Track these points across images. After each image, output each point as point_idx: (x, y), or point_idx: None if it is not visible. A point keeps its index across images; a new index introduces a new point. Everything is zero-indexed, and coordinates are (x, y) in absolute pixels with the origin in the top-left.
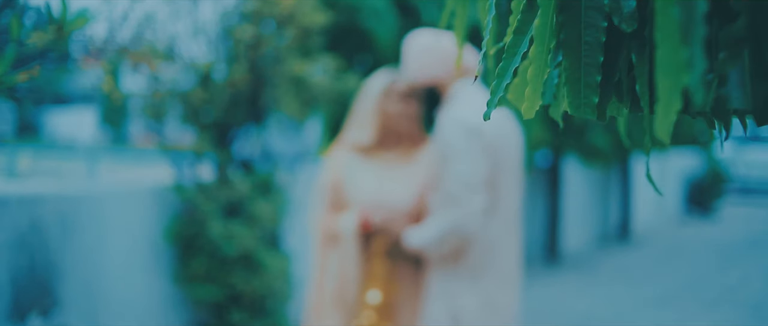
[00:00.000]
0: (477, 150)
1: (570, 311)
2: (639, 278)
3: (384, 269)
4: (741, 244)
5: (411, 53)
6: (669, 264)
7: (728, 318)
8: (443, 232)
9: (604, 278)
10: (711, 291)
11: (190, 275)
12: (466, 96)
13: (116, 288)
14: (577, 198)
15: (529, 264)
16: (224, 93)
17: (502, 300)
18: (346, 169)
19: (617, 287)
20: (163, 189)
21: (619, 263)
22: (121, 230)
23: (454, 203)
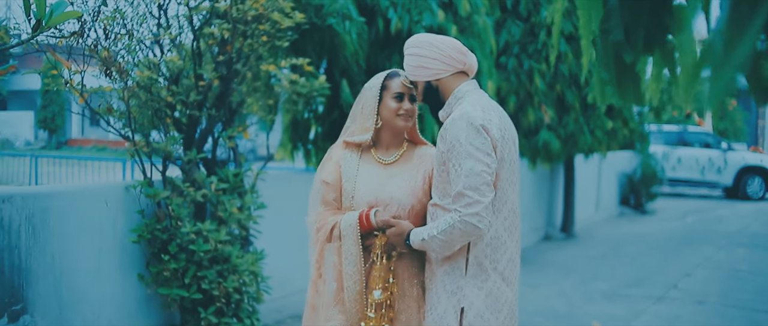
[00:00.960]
0: (485, 147)
1: (527, 305)
2: (587, 273)
3: (385, 268)
4: (677, 239)
5: (411, 53)
6: (613, 259)
7: (676, 312)
8: (453, 230)
9: (553, 274)
10: (656, 286)
11: (160, 275)
12: (472, 95)
13: (86, 290)
14: (524, 197)
15: None
16: (193, 92)
17: (505, 295)
18: (346, 168)
19: (567, 282)
20: (131, 190)
21: (566, 259)
22: (90, 230)
23: (464, 200)
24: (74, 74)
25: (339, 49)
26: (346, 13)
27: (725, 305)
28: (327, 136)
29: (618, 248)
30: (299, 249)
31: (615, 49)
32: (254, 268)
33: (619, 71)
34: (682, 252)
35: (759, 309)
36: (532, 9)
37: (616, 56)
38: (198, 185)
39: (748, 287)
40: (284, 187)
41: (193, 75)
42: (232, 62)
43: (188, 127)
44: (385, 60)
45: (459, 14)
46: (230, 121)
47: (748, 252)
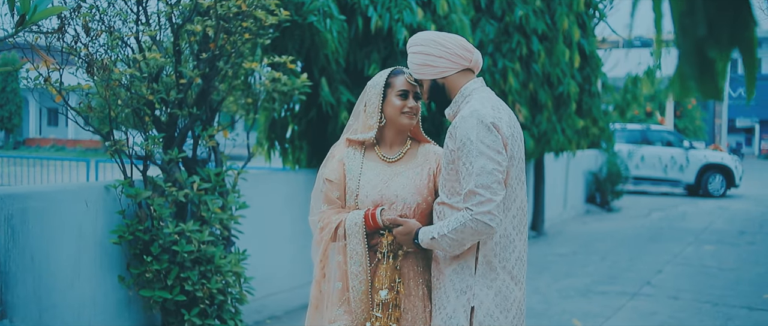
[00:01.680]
0: (496, 145)
1: None
2: (560, 271)
3: (391, 267)
4: (644, 236)
5: (415, 51)
6: (585, 257)
7: (652, 308)
8: (464, 228)
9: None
10: (630, 283)
11: (142, 277)
12: (480, 93)
13: (66, 293)
14: None
15: None
16: (174, 90)
17: (514, 294)
18: (349, 166)
19: (541, 280)
20: (112, 189)
21: (538, 257)
22: (70, 231)
23: (476, 199)
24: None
25: (320, 47)
26: (327, 11)
27: (699, 301)
28: (304, 134)
29: (588, 245)
30: (277, 248)
31: (698, 44)
32: (237, 269)
33: (701, 66)
34: (651, 248)
35: (732, 305)
36: (507, 8)
37: (698, 51)
38: (180, 185)
39: (719, 283)
40: (261, 186)
41: (173, 73)
42: (215, 59)
43: (168, 125)
44: (364, 58)
45: (437, 13)
46: (211, 120)
47: (715, 249)
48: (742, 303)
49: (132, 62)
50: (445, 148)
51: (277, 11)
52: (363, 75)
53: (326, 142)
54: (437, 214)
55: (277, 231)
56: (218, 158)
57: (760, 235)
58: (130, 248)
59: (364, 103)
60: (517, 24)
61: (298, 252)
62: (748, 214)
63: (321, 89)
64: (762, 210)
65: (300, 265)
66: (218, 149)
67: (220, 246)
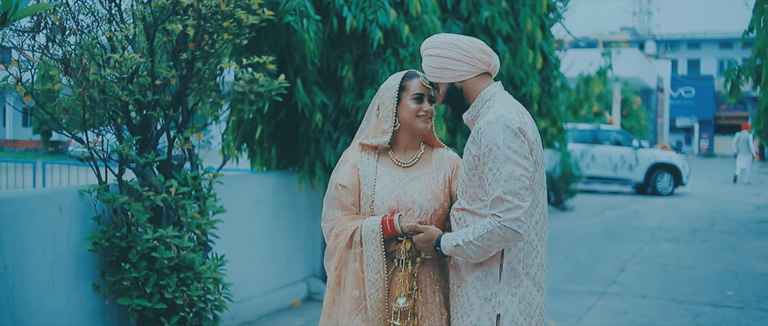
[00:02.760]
0: (523, 151)
1: None
2: None
3: (409, 274)
4: (601, 235)
5: (432, 54)
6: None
7: (622, 307)
8: (491, 235)
9: None
10: (596, 282)
11: (118, 285)
12: (501, 97)
13: (40, 303)
14: None
15: None
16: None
17: (536, 300)
18: (364, 171)
19: None
20: (86, 194)
21: None
22: (44, 239)
23: (504, 205)
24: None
25: (296, 47)
26: (304, 11)
27: (665, 299)
28: (273, 136)
29: (548, 245)
30: (249, 252)
31: None
32: (216, 275)
33: None
34: (610, 247)
35: (698, 302)
36: (473, 9)
37: None
38: (156, 189)
39: (682, 281)
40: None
41: (148, 73)
42: (194, 60)
43: (142, 128)
44: (337, 59)
45: (410, 13)
46: (186, 122)
47: (673, 247)
48: (707, 300)
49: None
50: (467, 153)
51: (260, 11)
52: (336, 76)
53: (297, 144)
54: (456, 221)
55: (249, 234)
56: (194, 161)
57: (712, 233)
58: (105, 255)
59: (377, 107)
60: (483, 25)
61: (270, 255)
62: (697, 212)
63: (296, 90)
64: (710, 208)
65: (272, 269)
66: (194, 152)
67: (200, 252)
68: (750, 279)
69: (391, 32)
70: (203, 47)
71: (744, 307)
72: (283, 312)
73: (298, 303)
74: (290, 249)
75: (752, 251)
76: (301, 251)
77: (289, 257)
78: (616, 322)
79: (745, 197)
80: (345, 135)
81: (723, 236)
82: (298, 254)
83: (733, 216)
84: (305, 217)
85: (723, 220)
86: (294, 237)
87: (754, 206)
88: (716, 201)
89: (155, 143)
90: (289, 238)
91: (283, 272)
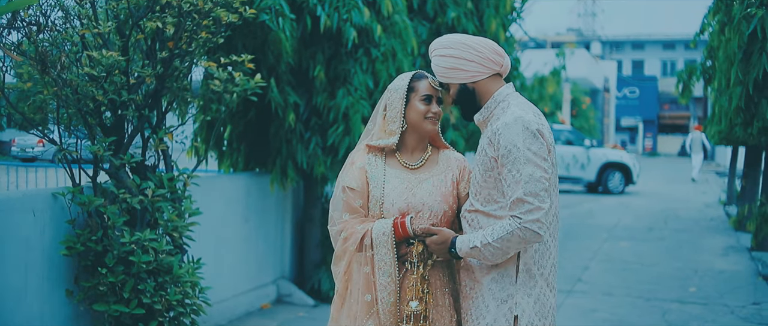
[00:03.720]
0: (542, 152)
1: None
2: None
3: (420, 277)
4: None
5: (444, 54)
6: None
7: (591, 305)
8: (511, 237)
9: None
10: (561, 280)
11: (94, 290)
12: (516, 99)
13: (13, 311)
14: None
15: None
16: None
17: (550, 301)
18: (372, 173)
19: None
20: (60, 197)
21: None
22: (16, 244)
23: (524, 207)
24: None
25: (271, 46)
26: (279, 10)
27: (631, 296)
28: (241, 136)
29: None
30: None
31: None
32: (194, 278)
33: None
34: (570, 245)
35: (663, 299)
36: (439, 9)
37: None
38: (131, 191)
39: (644, 278)
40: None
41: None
42: (172, 59)
43: (115, 128)
44: (309, 58)
45: (382, 13)
46: (161, 122)
47: (631, 245)
48: (672, 297)
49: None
50: (483, 155)
51: (241, 9)
52: (307, 76)
53: (266, 145)
54: (468, 222)
55: (220, 237)
56: (168, 162)
57: (667, 231)
58: (80, 260)
59: (383, 107)
60: (450, 25)
61: (240, 258)
62: (650, 211)
63: (270, 90)
64: (662, 206)
65: (242, 272)
66: (168, 153)
67: (179, 256)
68: (709, 276)
69: (364, 32)
70: (181, 46)
71: (708, 303)
72: (254, 315)
73: (268, 305)
74: (260, 251)
75: (707, 248)
76: (271, 253)
77: (258, 259)
78: (587, 321)
79: (693, 195)
80: (317, 135)
81: (677, 234)
82: (268, 256)
83: (685, 214)
84: (274, 219)
85: (675, 218)
86: (263, 239)
87: (703, 204)
88: (666, 199)
89: (129, 144)
90: (259, 240)
91: (252, 274)
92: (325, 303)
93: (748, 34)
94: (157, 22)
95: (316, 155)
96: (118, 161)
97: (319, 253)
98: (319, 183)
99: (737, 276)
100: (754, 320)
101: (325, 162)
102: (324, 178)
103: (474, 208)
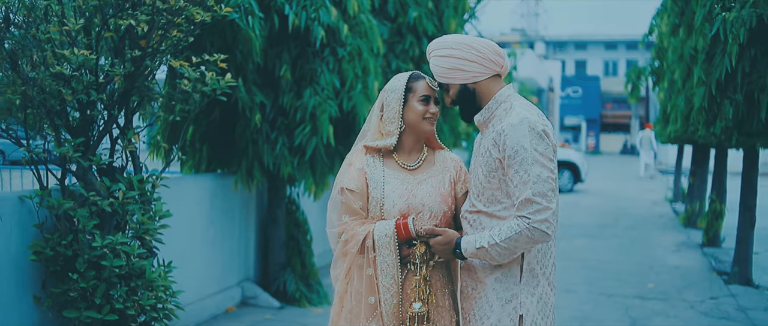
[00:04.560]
0: (548, 153)
1: None
2: None
3: (422, 278)
4: None
5: (444, 54)
6: None
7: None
8: (519, 237)
9: None
10: None
11: (64, 296)
12: (516, 99)
13: None
14: None
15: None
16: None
17: (551, 299)
18: (371, 174)
19: None
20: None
21: None
22: None
23: (533, 207)
24: None
25: (240, 45)
26: (249, 8)
27: (593, 293)
28: (204, 137)
29: None
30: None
31: None
32: (166, 282)
33: None
34: None
35: (625, 295)
36: (400, 9)
37: None
38: (100, 194)
39: (604, 275)
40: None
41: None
42: (144, 57)
43: (83, 129)
44: (275, 58)
45: (348, 12)
46: (129, 123)
47: (587, 242)
48: (632, 293)
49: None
50: (488, 155)
51: (216, 7)
52: (274, 75)
53: (230, 145)
54: (470, 223)
55: (186, 239)
56: (137, 164)
57: (619, 228)
58: (48, 265)
59: (380, 108)
60: (411, 25)
61: (205, 260)
62: (600, 209)
63: (238, 90)
64: (611, 204)
65: (208, 274)
66: (136, 154)
67: (151, 259)
68: (665, 272)
69: (330, 31)
70: (153, 44)
71: (668, 299)
72: (220, 319)
73: (233, 308)
74: (225, 253)
75: (660, 244)
76: (235, 255)
77: (223, 261)
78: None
79: (640, 193)
80: (283, 135)
81: (630, 231)
82: (232, 258)
83: (634, 211)
84: (239, 220)
85: (626, 216)
86: (228, 241)
87: (650, 201)
88: (614, 197)
89: (97, 145)
90: (224, 242)
91: (217, 277)
92: (291, 305)
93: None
94: (129, 20)
95: (282, 155)
96: (87, 163)
97: (284, 254)
98: (285, 184)
99: (692, 271)
100: (714, 314)
101: (292, 162)
102: (291, 179)
103: (476, 209)
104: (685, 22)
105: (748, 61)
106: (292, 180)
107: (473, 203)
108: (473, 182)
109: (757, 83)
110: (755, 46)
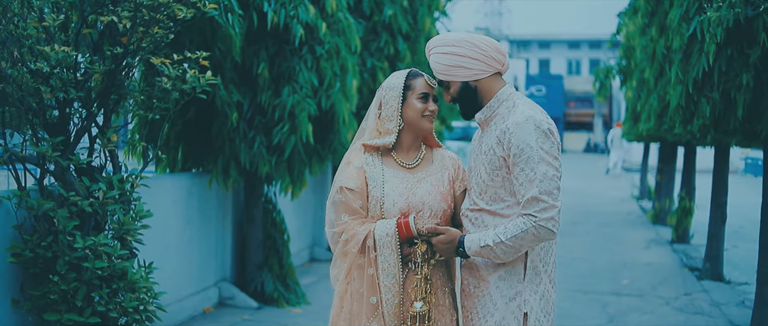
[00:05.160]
0: (554, 151)
1: None
2: None
3: (423, 277)
4: None
5: (446, 52)
6: None
7: None
8: (525, 235)
9: None
10: None
11: (44, 299)
12: (519, 98)
13: None
14: None
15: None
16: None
17: (552, 297)
18: (371, 173)
19: None
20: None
21: None
22: None
23: (539, 205)
24: None
25: (220, 42)
26: (228, 5)
27: (570, 290)
28: (180, 135)
29: None
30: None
31: None
32: (148, 284)
33: None
34: None
35: (601, 292)
36: (375, 8)
37: None
38: (80, 194)
39: (579, 272)
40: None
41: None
42: (126, 55)
43: (61, 127)
44: (253, 56)
45: (326, 11)
46: (108, 121)
47: (560, 239)
48: (608, 290)
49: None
50: (491, 154)
51: (200, 3)
52: (251, 73)
53: (206, 144)
54: (471, 221)
55: (163, 239)
56: (116, 163)
57: (591, 225)
58: (27, 267)
59: (378, 106)
60: (387, 23)
61: (183, 260)
62: (570, 206)
63: (217, 88)
64: (580, 202)
65: (185, 275)
66: (115, 153)
67: (132, 260)
68: (638, 268)
69: (309, 29)
70: (134, 41)
71: (643, 295)
72: (198, 320)
73: (210, 309)
74: (202, 253)
75: (630, 241)
76: (212, 255)
77: (200, 262)
78: None
79: (606, 191)
80: (261, 134)
81: (601, 228)
82: (209, 258)
83: (603, 209)
84: (215, 220)
85: (596, 213)
86: (205, 241)
87: (617, 199)
88: (582, 194)
89: (76, 144)
90: (201, 242)
91: (195, 278)
92: (269, 305)
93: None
94: (111, 16)
95: (260, 154)
96: (66, 162)
97: (261, 254)
98: (262, 183)
99: (664, 268)
100: (689, 310)
101: (270, 161)
102: (269, 178)
103: (478, 207)
104: (657, 23)
105: (725, 60)
106: (269, 180)
107: (475, 201)
108: (474, 180)
109: (733, 82)
110: (732, 45)
